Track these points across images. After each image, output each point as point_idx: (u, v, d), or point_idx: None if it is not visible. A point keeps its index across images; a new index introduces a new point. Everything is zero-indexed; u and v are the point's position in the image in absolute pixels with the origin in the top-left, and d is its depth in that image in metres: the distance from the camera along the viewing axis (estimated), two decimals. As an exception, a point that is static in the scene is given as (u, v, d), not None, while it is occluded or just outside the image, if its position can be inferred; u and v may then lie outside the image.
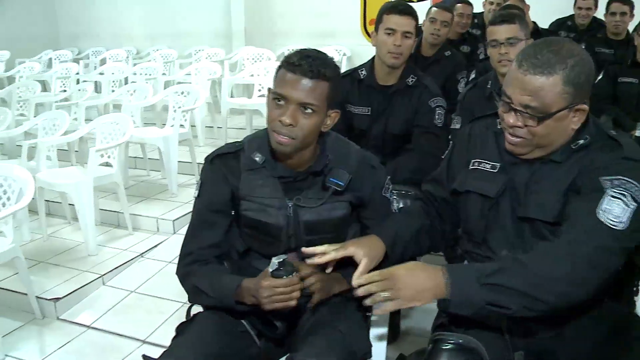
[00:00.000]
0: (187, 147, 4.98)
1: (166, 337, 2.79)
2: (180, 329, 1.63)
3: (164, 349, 2.63)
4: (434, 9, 3.69)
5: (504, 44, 2.45)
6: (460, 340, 1.39)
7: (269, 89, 1.56)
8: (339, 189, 1.61)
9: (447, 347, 1.39)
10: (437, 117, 2.57)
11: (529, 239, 1.49)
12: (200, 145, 5.75)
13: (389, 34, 2.49)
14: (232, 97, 6.06)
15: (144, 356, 1.50)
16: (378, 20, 2.56)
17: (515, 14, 2.55)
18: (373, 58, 2.66)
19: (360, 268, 1.49)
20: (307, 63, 1.48)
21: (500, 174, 1.55)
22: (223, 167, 1.67)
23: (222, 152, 1.70)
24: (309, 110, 1.50)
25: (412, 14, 2.51)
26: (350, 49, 7.35)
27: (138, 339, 2.87)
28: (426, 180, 1.80)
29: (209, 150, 5.66)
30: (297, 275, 1.50)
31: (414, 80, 2.60)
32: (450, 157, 1.72)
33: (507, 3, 4.05)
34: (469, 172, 1.63)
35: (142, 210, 4.39)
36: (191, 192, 4.94)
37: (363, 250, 1.52)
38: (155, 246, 3.95)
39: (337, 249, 1.54)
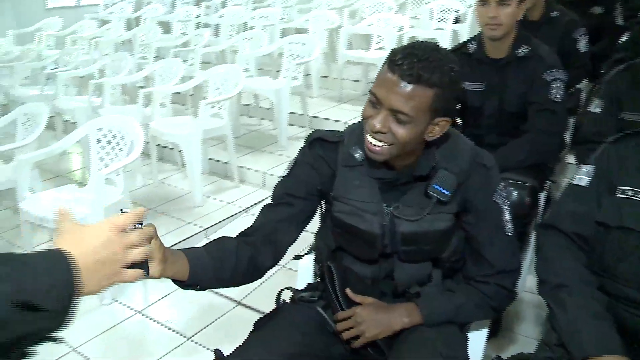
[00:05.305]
0: (300, 97, 4.91)
1: (260, 300, 2.85)
2: (258, 324, 1.56)
3: (256, 313, 2.67)
4: None
5: None
6: None
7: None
8: (444, 199, 1.41)
9: None
10: (553, 91, 2.30)
11: None
12: (314, 96, 5.66)
13: (482, 4, 2.26)
14: (350, 46, 5.88)
15: (216, 352, 1.43)
16: None
17: None
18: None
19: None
20: (408, 63, 1.23)
21: None
22: (321, 154, 1.52)
23: (323, 136, 1.53)
24: (402, 119, 1.28)
25: None
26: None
27: (234, 300, 2.88)
28: (563, 215, 1.53)
29: (323, 102, 5.54)
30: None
31: (526, 50, 2.34)
32: (598, 183, 1.47)
33: None
34: (619, 201, 1.39)
35: (250, 162, 4.40)
36: (300, 146, 4.94)
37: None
38: (260, 202, 3.92)
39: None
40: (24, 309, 0.77)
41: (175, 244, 3.32)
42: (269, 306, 1.70)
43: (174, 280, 1.30)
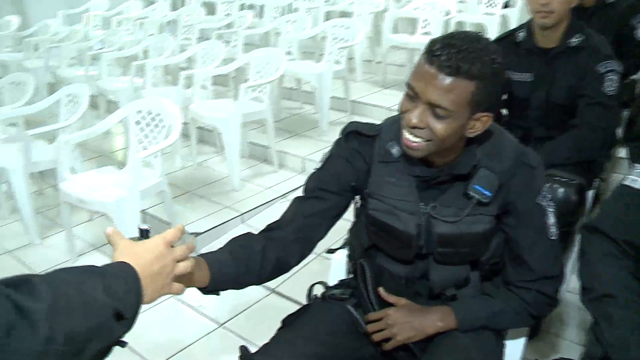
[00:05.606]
0: (342, 82, 4.83)
1: (294, 289, 2.80)
2: (287, 321, 1.50)
3: (289, 302, 2.62)
4: None
5: None
6: None
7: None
8: (484, 200, 1.32)
9: None
10: (607, 83, 2.14)
11: None
12: (358, 80, 5.56)
13: None
14: (395, 30, 5.74)
15: (242, 348, 1.38)
16: None
17: None
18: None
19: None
20: (446, 54, 1.14)
21: None
22: (357, 147, 1.44)
23: (360, 130, 1.45)
24: (441, 114, 1.19)
25: None
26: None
27: (268, 287, 2.83)
28: (611, 219, 1.38)
29: (366, 86, 5.42)
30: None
31: (579, 40, 2.18)
32: None
33: None
34: None
35: (290, 147, 4.34)
36: (340, 133, 4.85)
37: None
38: (299, 187, 3.85)
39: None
40: (117, 318, 0.87)
41: (211, 228, 3.31)
42: (302, 295, 1.66)
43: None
